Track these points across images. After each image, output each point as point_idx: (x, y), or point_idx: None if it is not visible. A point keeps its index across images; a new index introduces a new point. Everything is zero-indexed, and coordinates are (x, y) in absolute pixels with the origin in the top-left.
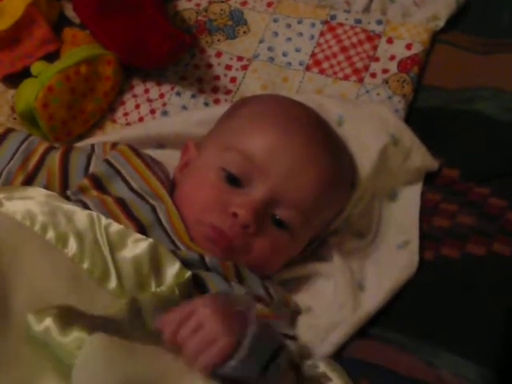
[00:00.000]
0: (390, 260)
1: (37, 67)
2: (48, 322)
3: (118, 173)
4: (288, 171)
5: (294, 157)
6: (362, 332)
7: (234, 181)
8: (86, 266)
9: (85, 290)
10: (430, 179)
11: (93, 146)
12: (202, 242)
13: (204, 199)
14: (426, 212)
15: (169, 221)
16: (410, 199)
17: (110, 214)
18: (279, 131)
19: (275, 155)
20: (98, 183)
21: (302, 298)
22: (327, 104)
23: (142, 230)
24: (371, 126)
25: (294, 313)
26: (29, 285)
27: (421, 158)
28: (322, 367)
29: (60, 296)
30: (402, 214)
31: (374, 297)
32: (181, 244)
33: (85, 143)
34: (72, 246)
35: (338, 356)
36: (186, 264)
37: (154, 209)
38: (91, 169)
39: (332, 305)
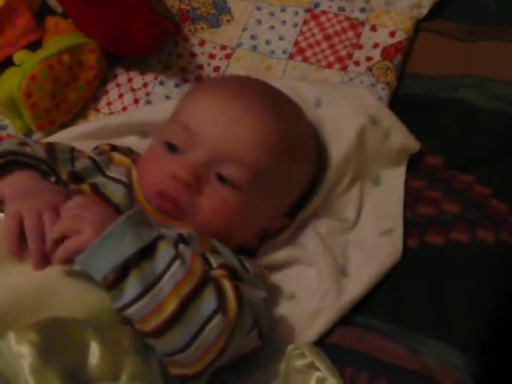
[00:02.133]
0: (374, 246)
1: (19, 56)
2: (25, 350)
3: (97, 165)
4: (223, 129)
5: (227, 115)
6: (346, 319)
7: (174, 149)
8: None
9: (73, 282)
10: (413, 167)
11: (72, 148)
12: (159, 211)
13: (150, 172)
14: (410, 199)
15: (136, 195)
16: (393, 184)
17: None
18: (213, 96)
19: (209, 117)
20: (77, 178)
21: (285, 285)
22: (304, 87)
23: (117, 209)
24: (349, 107)
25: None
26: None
27: (401, 137)
28: (309, 356)
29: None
30: (386, 199)
31: (357, 284)
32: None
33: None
34: None
35: (322, 343)
36: None
37: (126, 185)
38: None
39: (315, 292)
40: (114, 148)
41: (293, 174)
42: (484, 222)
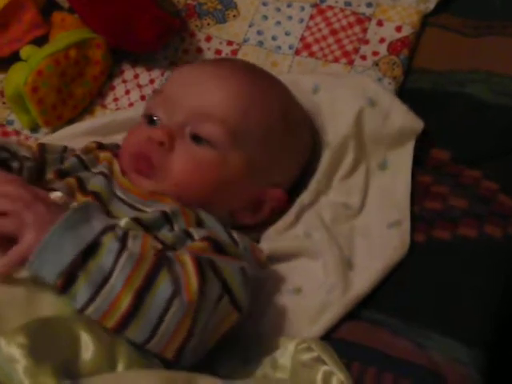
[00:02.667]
0: (381, 238)
1: (26, 51)
2: (16, 352)
3: (83, 162)
4: (199, 91)
5: (204, 80)
6: (353, 314)
7: (153, 120)
8: None
9: None
10: (420, 161)
11: (65, 147)
12: (134, 177)
13: (129, 144)
14: (418, 194)
15: (116, 180)
16: (400, 167)
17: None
18: (192, 66)
19: (187, 83)
20: (63, 175)
21: (291, 279)
22: (303, 78)
23: (99, 199)
24: (347, 92)
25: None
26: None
27: (402, 117)
28: (316, 350)
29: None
30: (392, 185)
31: (364, 278)
32: (132, 197)
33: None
34: None
35: (328, 338)
36: (150, 223)
37: (104, 175)
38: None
39: (322, 285)
40: (100, 145)
41: (280, 143)
42: (491, 217)
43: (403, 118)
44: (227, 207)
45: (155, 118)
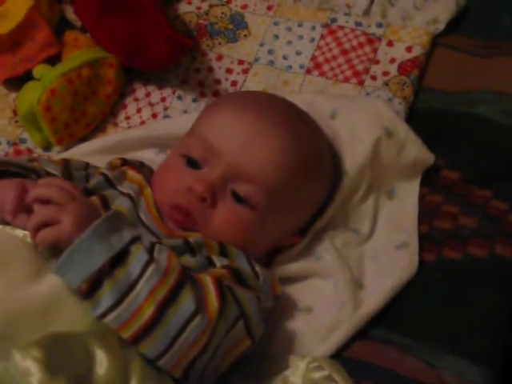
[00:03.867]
0: (389, 259)
1: (39, 70)
2: (31, 366)
3: (109, 180)
4: (241, 145)
5: (246, 131)
6: (363, 333)
7: (193, 164)
8: None
9: (78, 295)
10: (431, 181)
11: (87, 164)
12: (170, 223)
13: (167, 184)
14: (428, 213)
15: (146, 207)
16: (407, 197)
17: None
18: (232, 110)
19: (228, 132)
20: (89, 194)
21: (302, 298)
22: (319, 100)
23: None
24: (365, 119)
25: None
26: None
27: (416, 150)
28: (327, 369)
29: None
30: (400, 213)
31: (374, 296)
32: (157, 229)
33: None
34: None
35: (339, 356)
36: (171, 247)
37: (130, 197)
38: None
39: (332, 304)
40: (125, 162)
41: (309, 194)
42: (501, 236)
43: (417, 152)
44: (252, 254)
45: (195, 161)
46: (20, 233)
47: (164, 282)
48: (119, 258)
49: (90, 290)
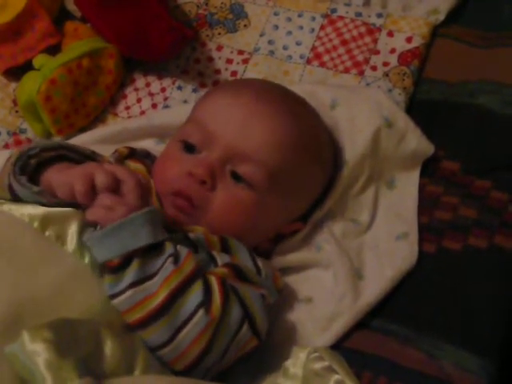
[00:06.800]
0: (389, 249)
1: (39, 60)
2: (39, 347)
3: None
4: (239, 126)
5: (243, 113)
6: (364, 323)
7: (191, 149)
8: (86, 260)
9: (86, 282)
10: (430, 172)
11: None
12: (171, 211)
13: (167, 172)
14: (428, 204)
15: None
16: (407, 188)
17: None
18: (228, 94)
19: (224, 115)
20: None
21: (302, 289)
22: (319, 90)
23: None
24: (365, 109)
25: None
26: (20, 277)
27: (416, 140)
28: (327, 359)
29: (56, 288)
30: (400, 203)
31: (374, 287)
32: None
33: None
34: (72, 242)
35: (339, 347)
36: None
37: None
38: None
39: (332, 295)
40: (132, 151)
41: (309, 178)
42: (502, 227)
43: (417, 142)
44: (254, 240)
45: (193, 146)
46: (26, 218)
47: (177, 274)
48: (153, 248)
49: (119, 265)
